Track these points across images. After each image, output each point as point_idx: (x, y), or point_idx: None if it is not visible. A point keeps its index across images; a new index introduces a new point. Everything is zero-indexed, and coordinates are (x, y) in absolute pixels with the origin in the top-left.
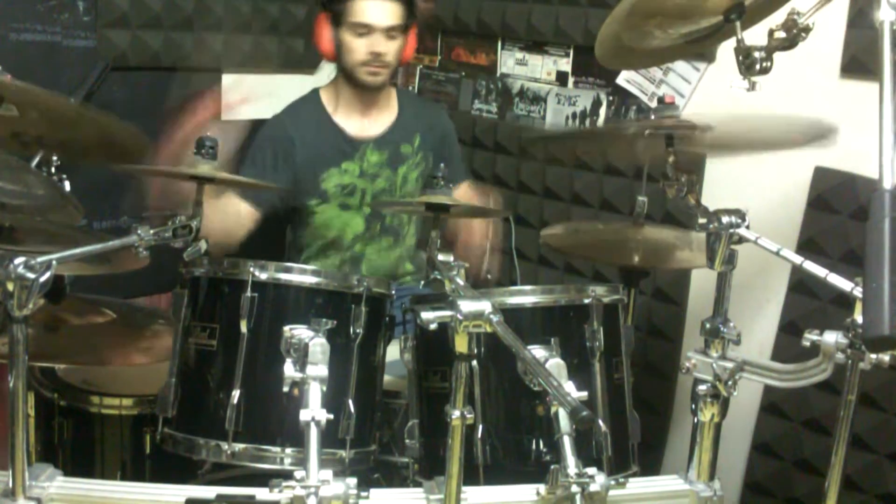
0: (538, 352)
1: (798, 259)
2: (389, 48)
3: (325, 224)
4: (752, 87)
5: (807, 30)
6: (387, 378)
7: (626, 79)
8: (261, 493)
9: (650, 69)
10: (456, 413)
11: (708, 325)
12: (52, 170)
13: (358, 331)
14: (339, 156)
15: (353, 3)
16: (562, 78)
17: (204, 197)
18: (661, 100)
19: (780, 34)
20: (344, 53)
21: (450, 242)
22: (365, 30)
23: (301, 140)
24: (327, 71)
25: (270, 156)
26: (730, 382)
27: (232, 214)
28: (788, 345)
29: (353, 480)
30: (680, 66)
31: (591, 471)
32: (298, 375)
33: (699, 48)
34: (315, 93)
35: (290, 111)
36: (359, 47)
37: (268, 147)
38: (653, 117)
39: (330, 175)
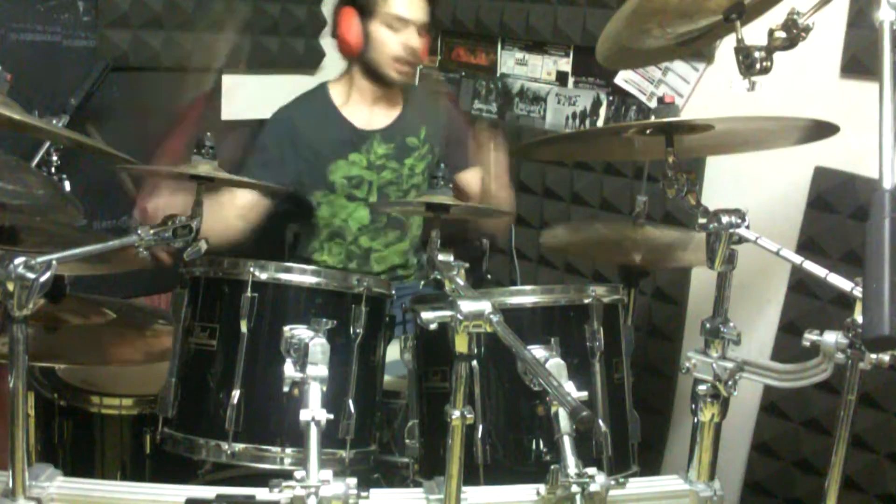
0: (538, 352)
1: (798, 259)
2: (421, 44)
3: (331, 215)
4: (752, 87)
5: (807, 30)
6: (387, 378)
7: (624, 79)
8: (261, 493)
9: (649, 69)
10: (456, 413)
11: (708, 325)
12: (52, 170)
13: (358, 331)
14: (347, 147)
15: None
16: (562, 78)
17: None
18: (660, 100)
19: (781, 34)
20: (375, 47)
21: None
22: (401, 24)
23: (308, 131)
24: (328, 70)
25: (277, 147)
26: (730, 382)
27: (229, 206)
28: (788, 345)
29: (353, 480)
30: (679, 66)
31: (591, 471)
32: (298, 375)
33: (695, 47)
34: (323, 87)
35: (296, 103)
36: (392, 42)
37: (275, 139)
38: (652, 118)
39: (337, 167)
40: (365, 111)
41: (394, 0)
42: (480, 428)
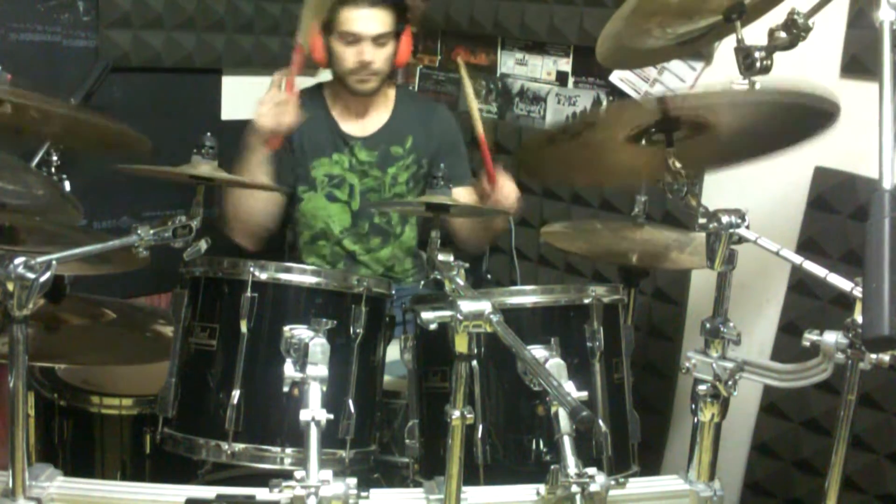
0: (538, 352)
1: (798, 259)
2: (378, 56)
3: (313, 213)
4: (752, 86)
5: (807, 30)
6: (387, 378)
7: (619, 77)
8: (261, 493)
9: (645, 68)
10: (456, 413)
11: (708, 325)
12: (52, 170)
13: (358, 331)
14: (331, 147)
15: (341, 12)
16: (562, 78)
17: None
18: None
19: (781, 34)
20: (335, 61)
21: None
22: (353, 38)
23: (299, 126)
24: (328, 71)
25: None
26: (730, 382)
27: (262, 200)
28: (788, 345)
29: (353, 480)
30: (675, 65)
31: (591, 471)
32: (298, 375)
33: (694, 48)
34: (320, 86)
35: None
36: (347, 56)
37: None
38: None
39: (321, 164)
40: (350, 117)
41: (344, 17)
42: (480, 428)
